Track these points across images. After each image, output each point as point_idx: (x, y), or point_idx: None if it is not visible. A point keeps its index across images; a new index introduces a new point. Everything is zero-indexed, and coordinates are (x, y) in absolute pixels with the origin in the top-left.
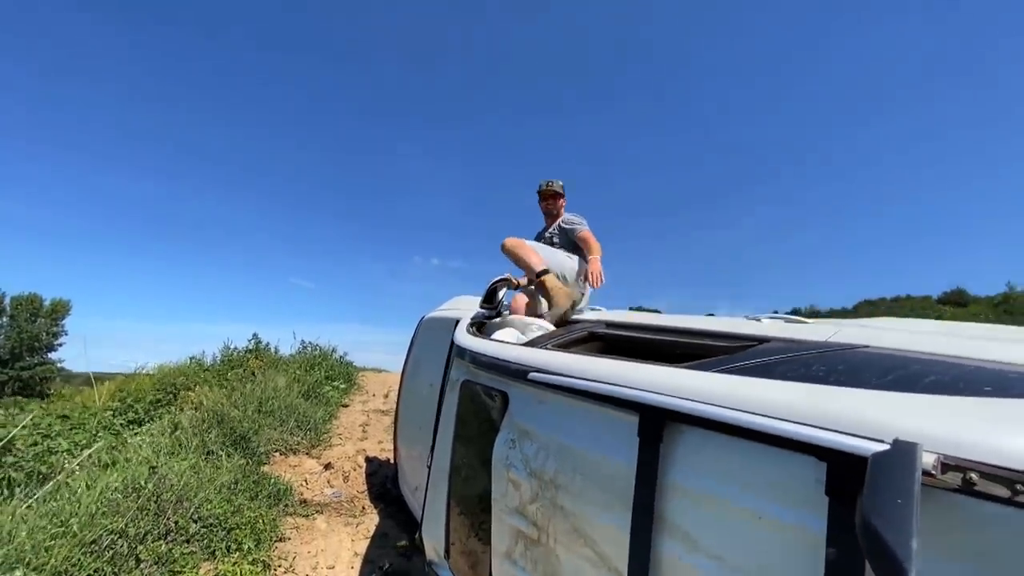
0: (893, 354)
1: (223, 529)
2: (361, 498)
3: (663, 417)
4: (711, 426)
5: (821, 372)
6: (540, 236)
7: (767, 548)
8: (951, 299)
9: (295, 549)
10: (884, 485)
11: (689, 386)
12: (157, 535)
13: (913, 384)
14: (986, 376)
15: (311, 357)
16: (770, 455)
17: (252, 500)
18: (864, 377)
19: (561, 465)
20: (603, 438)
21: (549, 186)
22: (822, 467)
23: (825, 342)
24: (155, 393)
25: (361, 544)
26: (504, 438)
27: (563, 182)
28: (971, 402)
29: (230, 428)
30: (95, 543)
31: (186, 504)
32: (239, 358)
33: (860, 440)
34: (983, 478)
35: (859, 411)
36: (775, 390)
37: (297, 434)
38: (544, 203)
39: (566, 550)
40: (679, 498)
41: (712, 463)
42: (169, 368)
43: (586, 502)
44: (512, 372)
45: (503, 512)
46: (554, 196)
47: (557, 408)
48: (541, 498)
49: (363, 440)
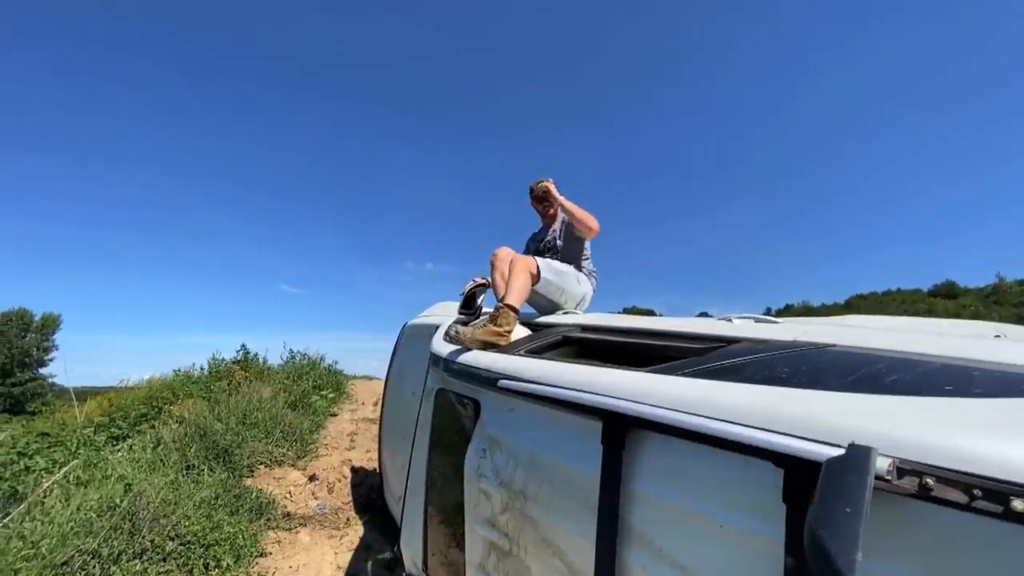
0: (858, 353)
1: (201, 546)
2: (346, 509)
3: (625, 423)
4: (671, 432)
5: (784, 374)
6: (539, 240)
7: (729, 557)
8: (941, 291)
9: (276, 564)
10: (834, 492)
11: (652, 390)
12: (132, 554)
13: (875, 385)
14: (949, 375)
15: (299, 367)
16: (729, 461)
17: (232, 515)
18: (827, 378)
19: (530, 475)
20: (570, 446)
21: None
22: (779, 473)
23: (792, 341)
24: (140, 407)
25: (344, 557)
26: (475, 447)
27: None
28: (932, 402)
29: (212, 442)
30: (66, 564)
31: (163, 521)
32: (226, 369)
33: (815, 445)
34: (939, 483)
35: (816, 415)
36: (736, 394)
37: (283, 445)
38: (539, 205)
39: (536, 561)
40: (642, 506)
41: (674, 470)
42: (156, 381)
43: (554, 512)
44: (483, 379)
45: (475, 523)
46: (544, 201)
47: (526, 416)
48: (511, 508)
49: (350, 450)
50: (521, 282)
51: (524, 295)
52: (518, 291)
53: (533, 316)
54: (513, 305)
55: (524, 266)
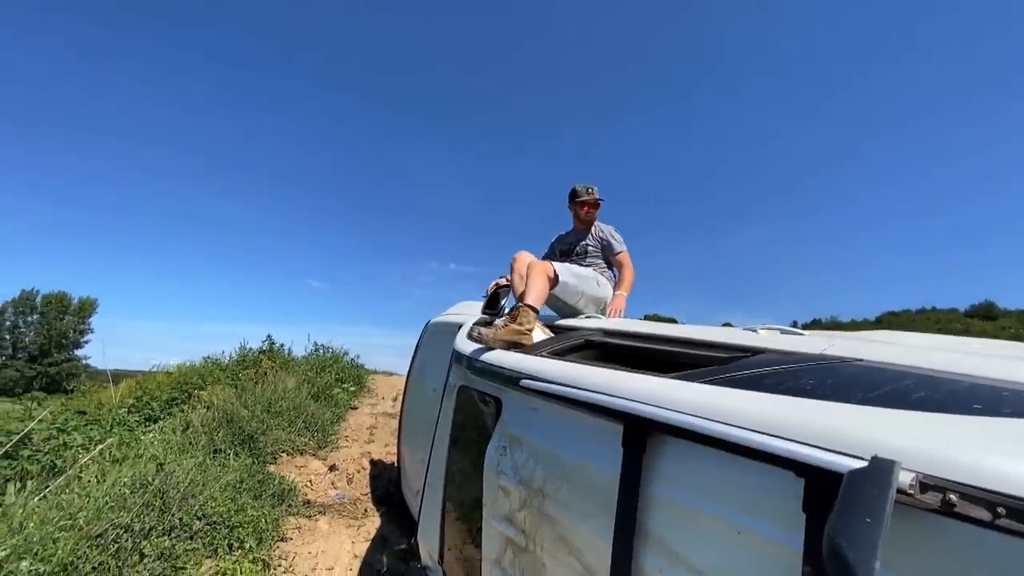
0: (885, 368)
1: (226, 527)
2: (364, 500)
3: (647, 427)
4: (693, 437)
5: (809, 385)
6: (569, 243)
7: (746, 564)
8: (979, 312)
9: (296, 549)
10: (855, 503)
11: (675, 396)
12: (161, 531)
13: (901, 400)
14: (979, 393)
15: (322, 359)
16: (750, 469)
17: (256, 499)
18: (852, 391)
19: (549, 473)
20: (590, 447)
21: (591, 193)
22: (800, 483)
23: (819, 355)
24: (171, 391)
25: (361, 546)
26: (496, 444)
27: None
28: (959, 420)
29: (239, 428)
30: (101, 536)
31: (191, 501)
32: (253, 358)
33: (838, 456)
34: (963, 499)
35: (840, 426)
36: (759, 402)
37: (305, 435)
38: (586, 211)
39: (552, 559)
40: (661, 510)
41: (693, 475)
42: (186, 367)
43: (572, 511)
44: (505, 378)
45: (493, 519)
46: (596, 205)
47: (547, 416)
48: (529, 506)
49: (369, 443)
50: (539, 285)
51: (542, 297)
52: (536, 293)
53: (553, 319)
54: (532, 304)
55: (541, 270)
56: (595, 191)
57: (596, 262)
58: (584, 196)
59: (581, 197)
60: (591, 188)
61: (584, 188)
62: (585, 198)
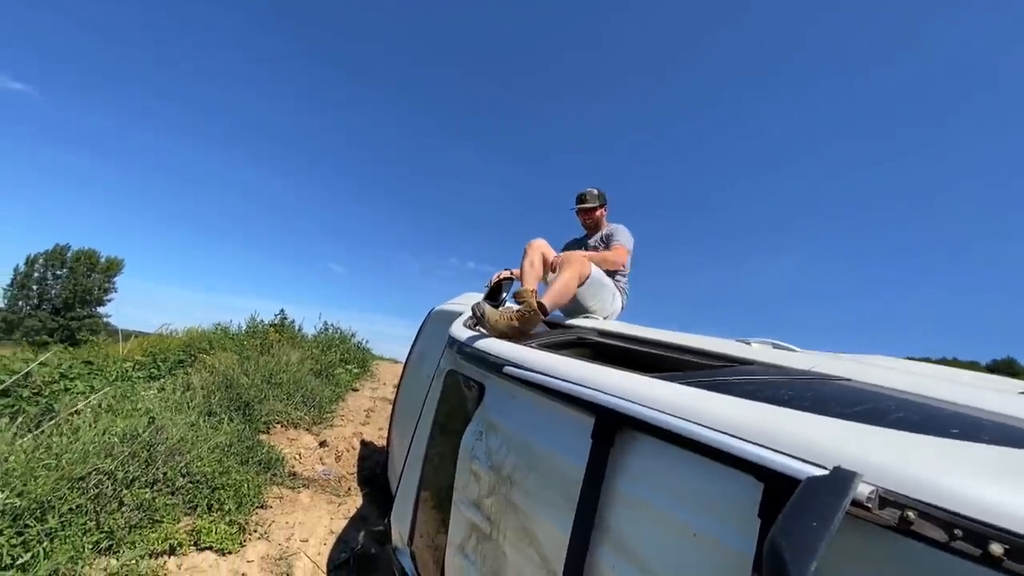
0: (869, 389)
1: (209, 487)
2: (349, 479)
3: (617, 421)
4: (659, 434)
5: (787, 396)
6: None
7: (697, 566)
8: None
9: (274, 518)
10: (806, 507)
11: (647, 393)
12: (144, 482)
13: (878, 418)
14: (959, 419)
15: (330, 338)
16: (713, 471)
17: (243, 464)
18: (830, 406)
19: (519, 461)
20: (561, 437)
21: (584, 200)
22: (760, 488)
23: (805, 370)
24: (179, 354)
25: (339, 523)
26: (473, 429)
27: (598, 191)
28: (933, 441)
29: (236, 394)
30: (83, 480)
31: (178, 458)
32: (262, 330)
33: (800, 463)
34: (921, 518)
35: (808, 435)
36: (731, 406)
37: (301, 409)
38: (581, 216)
39: (513, 548)
40: (621, 505)
41: (657, 473)
42: (197, 332)
43: (537, 501)
44: (490, 364)
45: (462, 503)
46: (590, 210)
47: (525, 404)
48: (497, 493)
49: (364, 424)
50: (564, 283)
51: (562, 299)
52: (558, 292)
53: (556, 316)
54: (545, 306)
55: (578, 268)
56: (589, 194)
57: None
58: (576, 204)
59: (576, 205)
60: (587, 192)
61: (580, 195)
62: (577, 206)
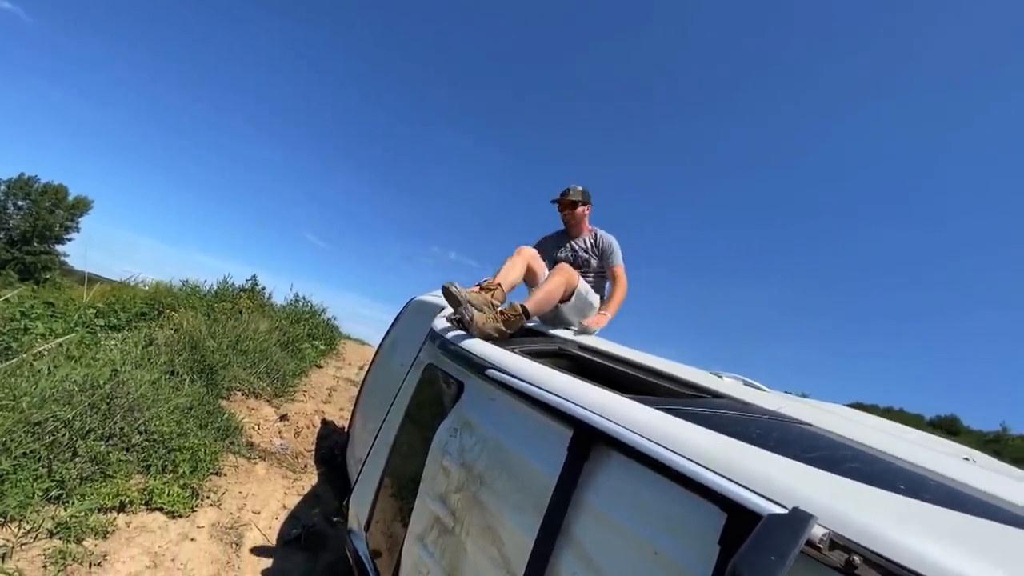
0: (828, 436)
1: (165, 448)
2: (306, 456)
3: (594, 437)
4: (634, 455)
5: (755, 434)
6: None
7: None
8: (943, 424)
9: (228, 486)
10: (766, 542)
11: (627, 415)
12: (100, 435)
13: (834, 465)
14: (905, 475)
15: (299, 311)
16: (681, 496)
17: (201, 429)
18: (792, 448)
19: (491, 461)
20: (537, 444)
21: (565, 195)
22: (723, 518)
23: (772, 411)
24: (143, 306)
25: (293, 499)
26: (448, 425)
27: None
28: (881, 494)
29: (201, 356)
30: (39, 425)
31: (136, 415)
32: (232, 294)
33: (762, 500)
34: (865, 563)
35: (771, 475)
36: (704, 437)
37: (264, 380)
38: (563, 212)
39: (475, 545)
40: (589, 517)
41: (627, 491)
42: (164, 287)
43: (505, 502)
44: (472, 364)
45: (427, 495)
46: (572, 205)
47: (504, 407)
48: (465, 489)
49: (326, 403)
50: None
51: (545, 307)
52: (541, 300)
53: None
54: (529, 310)
55: (564, 280)
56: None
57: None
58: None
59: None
60: (570, 189)
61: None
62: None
